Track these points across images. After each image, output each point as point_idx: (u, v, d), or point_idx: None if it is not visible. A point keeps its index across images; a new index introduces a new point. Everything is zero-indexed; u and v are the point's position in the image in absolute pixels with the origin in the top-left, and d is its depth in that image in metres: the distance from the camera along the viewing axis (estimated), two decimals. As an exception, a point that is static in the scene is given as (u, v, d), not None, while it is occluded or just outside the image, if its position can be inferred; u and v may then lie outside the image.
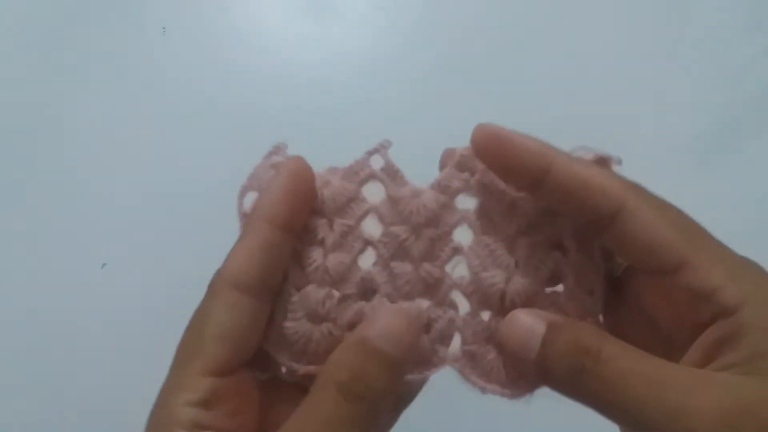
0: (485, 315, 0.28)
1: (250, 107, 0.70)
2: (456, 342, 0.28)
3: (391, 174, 0.29)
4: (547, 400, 0.28)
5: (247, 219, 0.27)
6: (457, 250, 0.28)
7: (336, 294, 0.28)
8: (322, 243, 0.28)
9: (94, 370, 0.61)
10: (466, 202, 0.29)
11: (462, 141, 0.29)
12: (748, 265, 0.25)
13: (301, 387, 0.28)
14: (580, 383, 0.23)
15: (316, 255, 0.28)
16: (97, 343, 0.62)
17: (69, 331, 0.62)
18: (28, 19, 0.75)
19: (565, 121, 0.66)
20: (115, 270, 0.64)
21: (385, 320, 0.25)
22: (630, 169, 0.28)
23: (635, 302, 0.27)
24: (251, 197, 0.28)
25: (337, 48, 0.74)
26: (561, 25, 0.74)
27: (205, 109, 0.70)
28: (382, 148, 0.28)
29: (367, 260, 0.29)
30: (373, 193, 0.29)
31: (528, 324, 0.25)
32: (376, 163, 0.29)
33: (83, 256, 0.65)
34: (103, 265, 0.64)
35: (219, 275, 0.26)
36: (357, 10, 0.76)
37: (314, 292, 0.28)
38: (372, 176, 0.29)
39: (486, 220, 0.28)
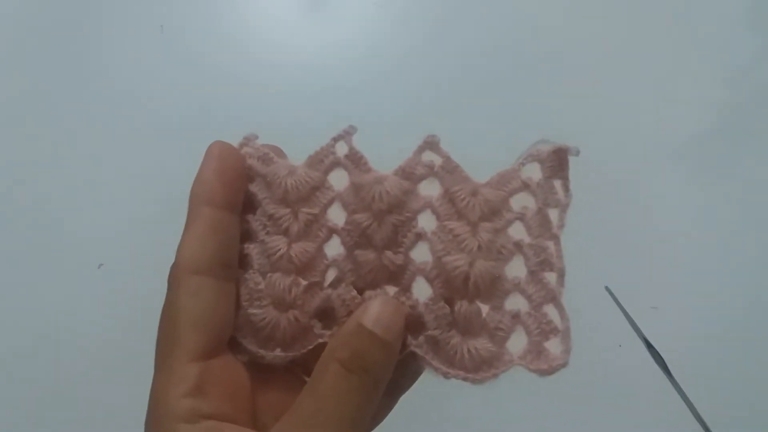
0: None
1: (249, 106, 0.70)
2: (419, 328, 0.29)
3: (355, 160, 0.28)
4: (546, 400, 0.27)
5: (188, 210, 0.28)
6: (420, 236, 0.28)
7: (302, 282, 0.28)
8: (286, 232, 0.28)
9: (91, 369, 0.61)
10: (430, 188, 0.29)
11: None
12: None
13: (289, 369, 0.29)
14: None
15: (280, 244, 0.28)
16: (95, 343, 0.61)
17: (67, 331, 0.62)
18: (25, 18, 0.75)
19: (565, 121, 0.66)
20: (112, 271, 0.64)
21: (376, 309, 0.27)
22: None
23: None
24: None
25: (336, 46, 0.74)
26: (561, 25, 0.74)
27: (204, 109, 0.70)
28: (346, 135, 0.28)
29: (334, 248, 0.29)
30: (340, 180, 0.29)
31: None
32: (342, 150, 0.29)
33: (81, 257, 0.64)
34: (100, 265, 0.64)
35: (175, 265, 0.27)
36: (356, 8, 0.76)
37: (280, 280, 0.28)
38: (336, 163, 0.29)
39: (449, 206, 0.28)
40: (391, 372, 0.27)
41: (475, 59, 0.72)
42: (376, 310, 0.26)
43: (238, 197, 0.28)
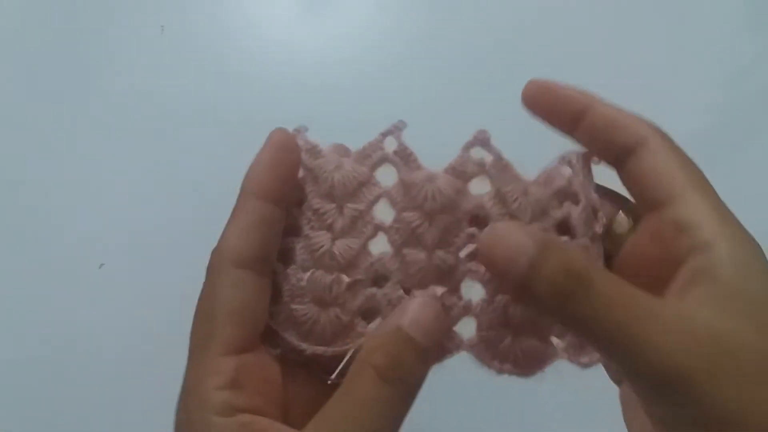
0: (501, 299, 0.28)
1: (249, 106, 0.70)
2: (471, 327, 0.28)
3: (404, 157, 0.28)
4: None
5: (238, 195, 0.28)
6: (471, 237, 0.28)
7: (345, 279, 0.28)
8: (330, 228, 0.28)
9: (92, 370, 0.61)
10: (479, 186, 0.28)
11: (464, 137, 0.29)
12: (731, 214, 0.26)
13: (315, 365, 0.29)
14: (566, 307, 0.23)
15: (324, 240, 0.28)
16: (95, 344, 0.61)
17: (67, 332, 0.62)
18: (25, 18, 0.75)
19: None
20: (113, 270, 0.64)
21: (415, 311, 0.26)
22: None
23: (626, 267, 0.28)
24: None
25: (337, 46, 0.74)
26: (561, 24, 0.74)
27: (204, 109, 0.70)
28: (396, 130, 0.28)
29: (379, 246, 0.28)
30: (387, 176, 0.28)
31: (517, 240, 0.24)
32: (390, 145, 0.28)
33: (81, 257, 0.64)
34: (101, 265, 0.64)
35: (218, 255, 0.27)
36: (357, 8, 0.76)
37: (322, 277, 0.27)
38: (385, 159, 0.28)
39: (501, 206, 0.28)
40: (426, 378, 0.26)
41: (475, 58, 0.73)
42: (415, 312, 0.26)
43: (289, 191, 0.28)
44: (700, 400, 0.22)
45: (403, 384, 0.25)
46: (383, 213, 0.28)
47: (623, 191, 0.29)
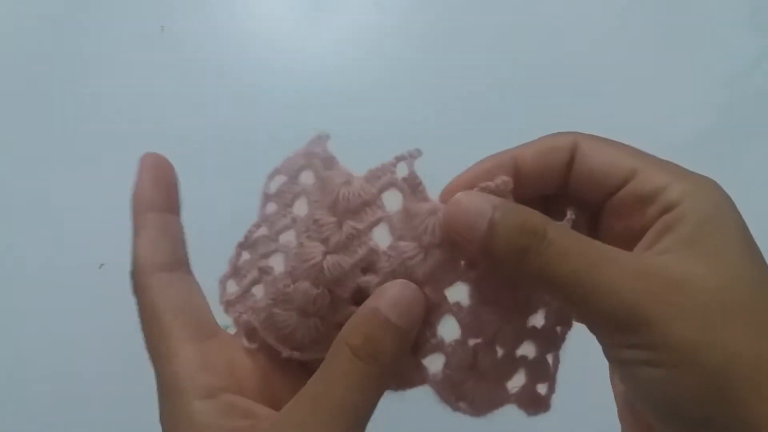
0: (473, 344, 0.28)
1: (249, 106, 0.70)
2: (439, 363, 0.28)
3: (413, 186, 0.27)
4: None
5: (133, 220, 0.30)
6: (460, 279, 0.28)
7: (327, 296, 0.28)
8: (326, 241, 0.28)
9: (91, 369, 0.61)
10: None
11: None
12: (693, 173, 0.26)
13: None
14: (523, 262, 0.24)
15: (316, 252, 0.27)
16: (94, 344, 0.61)
17: (67, 332, 0.62)
18: (26, 18, 0.75)
19: (564, 121, 0.66)
20: (113, 270, 0.64)
21: (393, 294, 0.26)
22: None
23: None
24: (279, 181, 0.29)
25: (337, 47, 0.74)
26: (560, 24, 0.74)
27: (204, 109, 0.70)
28: (410, 157, 0.28)
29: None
30: (395, 201, 0.28)
31: (476, 205, 0.25)
32: (402, 171, 0.28)
33: (81, 257, 0.64)
34: (101, 265, 0.64)
35: (137, 271, 0.28)
36: (354, 8, 0.76)
37: (308, 290, 0.27)
38: (393, 184, 0.28)
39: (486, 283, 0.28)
40: (402, 359, 0.27)
41: (475, 61, 0.72)
42: (394, 294, 0.26)
43: (177, 201, 0.30)
44: (656, 339, 0.23)
45: (377, 362, 0.25)
46: (382, 237, 0.28)
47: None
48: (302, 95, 0.71)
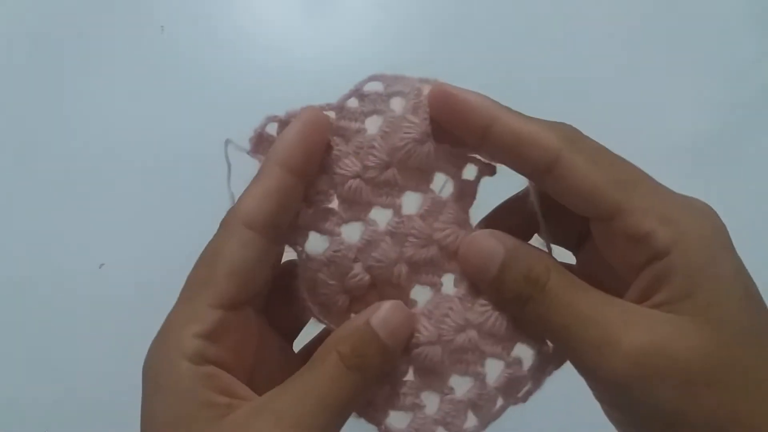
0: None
1: (249, 106, 0.70)
2: (400, 420, 0.29)
3: (464, 194, 0.30)
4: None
5: (263, 162, 0.28)
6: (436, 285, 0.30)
7: (367, 280, 0.29)
8: (365, 169, 0.29)
9: (91, 370, 0.61)
10: None
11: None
12: (684, 206, 0.26)
13: (283, 335, 0.31)
14: (524, 310, 0.26)
15: (379, 239, 0.29)
16: (94, 344, 0.61)
17: (67, 332, 0.62)
18: (26, 18, 0.75)
19: (564, 121, 0.66)
20: (113, 270, 0.64)
21: (386, 312, 0.27)
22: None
23: (588, 262, 0.30)
24: (374, 87, 0.30)
25: (336, 45, 0.74)
26: (560, 24, 0.74)
27: (204, 109, 0.70)
28: (479, 174, 0.30)
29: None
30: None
31: (490, 247, 0.27)
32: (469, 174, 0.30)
33: (81, 257, 0.64)
34: (101, 265, 0.64)
35: (233, 213, 0.28)
36: (356, 7, 0.76)
37: (357, 269, 0.29)
38: (454, 177, 0.29)
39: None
40: (385, 374, 0.28)
41: (477, 61, 0.72)
42: (385, 313, 0.27)
43: (312, 167, 0.29)
44: (640, 409, 0.23)
45: (361, 374, 0.26)
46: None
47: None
48: (302, 95, 0.71)
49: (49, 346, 0.62)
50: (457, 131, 0.28)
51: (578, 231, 0.30)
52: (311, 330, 0.32)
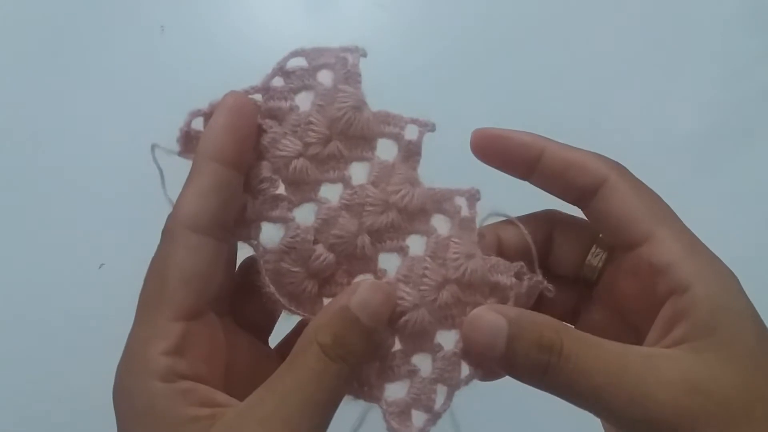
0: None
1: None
2: (398, 390, 0.29)
3: (409, 153, 0.29)
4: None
5: (194, 159, 0.28)
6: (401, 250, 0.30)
7: (332, 259, 0.28)
8: (307, 146, 0.28)
9: (91, 370, 0.61)
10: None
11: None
12: (704, 248, 0.27)
13: (256, 333, 0.30)
14: (545, 379, 0.25)
15: (343, 221, 0.28)
16: (94, 344, 0.61)
17: (66, 332, 0.62)
18: (25, 18, 0.75)
19: (564, 121, 0.66)
20: (113, 270, 0.64)
21: (363, 293, 0.26)
22: (630, 169, 0.29)
23: (607, 297, 0.29)
24: (297, 63, 0.30)
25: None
26: (561, 24, 0.74)
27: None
28: (423, 126, 0.30)
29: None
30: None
31: (491, 323, 0.26)
32: (411, 134, 0.30)
33: (81, 257, 0.64)
34: (101, 265, 0.64)
35: (174, 218, 0.27)
36: (356, 7, 0.76)
37: (319, 250, 0.28)
38: (395, 138, 0.29)
39: (442, 250, 0.29)
40: (370, 358, 0.27)
41: (477, 59, 0.72)
42: (363, 294, 0.26)
43: (247, 155, 0.28)
44: None
45: (346, 362, 0.25)
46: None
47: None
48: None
49: (49, 346, 0.62)
50: (507, 167, 0.29)
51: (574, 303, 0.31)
52: (287, 324, 0.31)
